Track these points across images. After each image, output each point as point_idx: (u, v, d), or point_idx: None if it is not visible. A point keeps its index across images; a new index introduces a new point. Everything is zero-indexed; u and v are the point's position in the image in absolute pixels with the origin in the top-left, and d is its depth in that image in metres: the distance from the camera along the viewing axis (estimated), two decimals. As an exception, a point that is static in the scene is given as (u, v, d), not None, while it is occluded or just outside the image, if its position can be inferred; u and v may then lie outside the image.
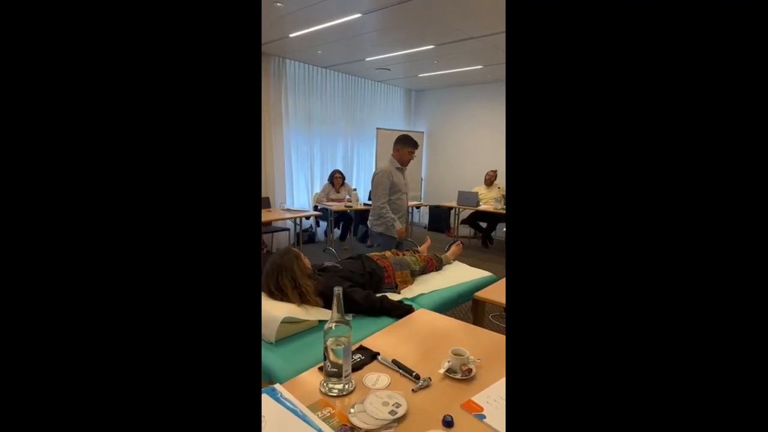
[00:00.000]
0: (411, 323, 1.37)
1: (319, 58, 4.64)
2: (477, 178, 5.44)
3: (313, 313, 1.43)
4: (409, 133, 6.11)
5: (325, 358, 0.93)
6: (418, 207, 5.14)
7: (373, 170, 5.88)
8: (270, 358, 1.26)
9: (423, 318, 1.42)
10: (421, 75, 5.32)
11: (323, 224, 5.10)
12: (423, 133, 6.46)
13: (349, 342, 0.94)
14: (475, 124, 5.94)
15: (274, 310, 1.35)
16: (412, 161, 2.63)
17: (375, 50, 4.19)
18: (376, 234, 2.57)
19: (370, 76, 5.62)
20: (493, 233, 5.18)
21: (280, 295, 1.46)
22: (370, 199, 3.63)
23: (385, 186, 2.49)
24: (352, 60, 4.62)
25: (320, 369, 1.02)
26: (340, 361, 0.92)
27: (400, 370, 1.02)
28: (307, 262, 1.57)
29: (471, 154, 5.95)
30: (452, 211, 5.50)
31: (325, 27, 3.41)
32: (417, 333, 1.29)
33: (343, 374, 0.92)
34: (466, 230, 5.37)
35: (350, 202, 4.57)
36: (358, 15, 3.09)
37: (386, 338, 1.24)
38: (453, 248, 2.42)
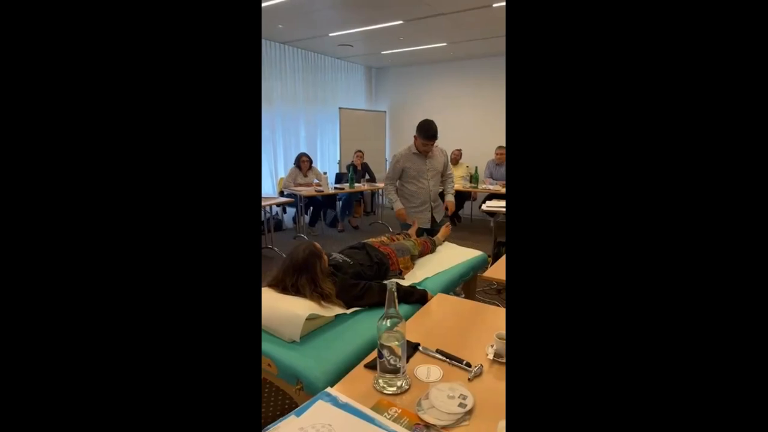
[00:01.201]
0: (433, 309, 1.36)
1: (279, 34, 4.35)
2: (442, 158, 5.49)
3: (332, 309, 1.37)
4: (372, 113, 6.05)
5: (381, 355, 0.89)
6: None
7: (338, 152, 5.77)
8: (295, 358, 1.19)
9: (443, 303, 1.41)
10: (384, 52, 5.19)
11: (290, 210, 4.92)
12: (385, 112, 6.37)
13: (404, 337, 0.90)
14: (437, 103, 5.95)
15: (294, 308, 1.27)
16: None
17: (340, 25, 4.00)
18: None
19: (330, 52, 5.39)
20: (460, 211, 5.30)
21: (293, 292, 1.38)
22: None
23: (394, 171, 2.54)
24: (314, 35, 4.38)
25: (367, 366, 0.98)
26: (399, 355, 0.88)
27: (449, 360, 1.00)
28: (326, 258, 1.49)
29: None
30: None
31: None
32: (443, 319, 1.28)
33: (402, 370, 0.89)
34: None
35: (320, 186, 4.42)
36: (328, -13, 2.90)
37: (415, 328, 1.22)
38: (443, 229, 2.43)
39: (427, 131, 2.39)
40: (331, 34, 4.30)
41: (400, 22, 3.78)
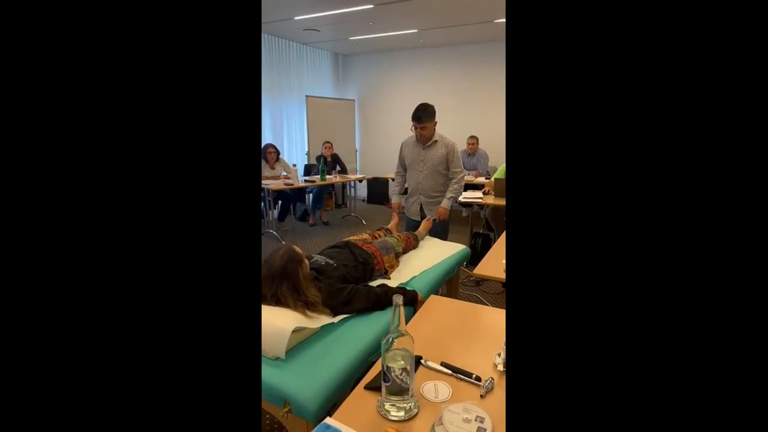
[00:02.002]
0: (428, 314, 1.27)
1: (239, 15, 4.05)
2: (414, 148, 5.42)
3: (319, 319, 1.25)
4: (340, 101, 5.84)
5: (387, 378, 0.78)
6: (360, 180, 4.96)
7: (306, 143, 5.53)
8: (280, 377, 1.06)
9: (437, 306, 1.33)
10: (353, 38, 5.00)
11: (257, 204, 4.67)
12: (354, 101, 6.19)
13: (413, 355, 0.80)
14: (407, 91, 5.85)
15: (276, 321, 1.14)
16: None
17: (307, 8, 3.77)
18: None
19: (295, 37, 5.12)
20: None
21: (273, 303, 1.24)
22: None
23: (398, 157, 2.54)
24: (279, 18, 4.11)
25: (368, 388, 0.87)
26: (408, 372, 0.78)
27: (456, 374, 0.92)
28: (306, 262, 1.36)
29: (406, 122, 5.86)
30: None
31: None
32: (441, 325, 1.20)
33: (411, 392, 0.79)
34: (406, 200, 5.38)
35: (289, 179, 4.22)
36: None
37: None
38: (423, 223, 2.35)
39: (414, 112, 2.29)
40: (296, 18, 4.06)
41: (371, 6, 3.61)
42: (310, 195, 4.79)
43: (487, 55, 5.21)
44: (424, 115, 2.27)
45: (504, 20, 4.07)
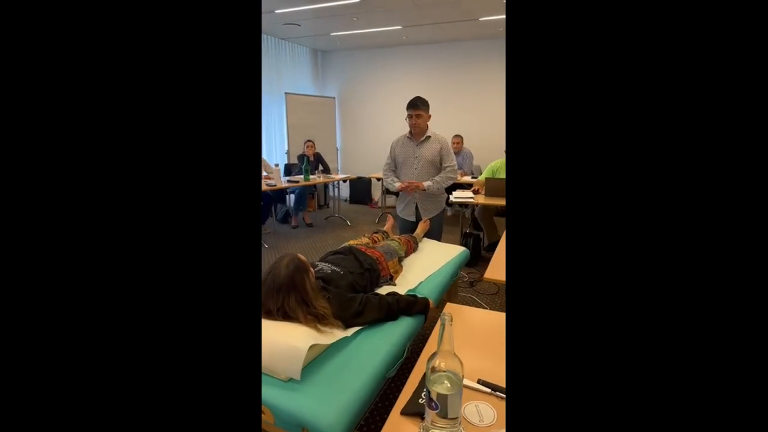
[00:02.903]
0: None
1: (216, 6, 3.84)
2: (397, 147, 5.35)
3: (332, 333, 1.15)
4: (320, 98, 5.69)
5: (435, 405, 0.70)
6: (345, 181, 4.82)
7: (287, 141, 5.35)
8: (295, 400, 0.96)
9: (456, 315, 1.25)
10: (334, 34, 4.86)
11: (236, 205, 4.46)
12: (334, 98, 6.04)
13: (462, 379, 0.72)
14: (390, 89, 5.77)
15: (288, 338, 1.03)
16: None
17: (289, 1, 3.61)
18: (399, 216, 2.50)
19: (274, 32, 4.93)
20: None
21: (280, 317, 1.13)
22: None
23: (389, 156, 2.44)
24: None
25: (405, 413, 0.79)
26: (457, 403, 0.70)
27: (496, 393, 0.85)
28: (312, 271, 1.25)
29: (387, 121, 5.81)
30: (376, 182, 5.36)
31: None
32: (465, 336, 1.12)
33: (459, 419, 0.71)
34: (391, 200, 5.31)
35: (270, 179, 4.05)
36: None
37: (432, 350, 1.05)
38: (421, 225, 2.28)
39: (410, 101, 2.22)
40: (277, 11, 3.89)
41: None
42: (291, 196, 4.63)
43: (471, 54, 5.21)
44: (420, 101, 2.24)
45: (489, 18, 4.06)
